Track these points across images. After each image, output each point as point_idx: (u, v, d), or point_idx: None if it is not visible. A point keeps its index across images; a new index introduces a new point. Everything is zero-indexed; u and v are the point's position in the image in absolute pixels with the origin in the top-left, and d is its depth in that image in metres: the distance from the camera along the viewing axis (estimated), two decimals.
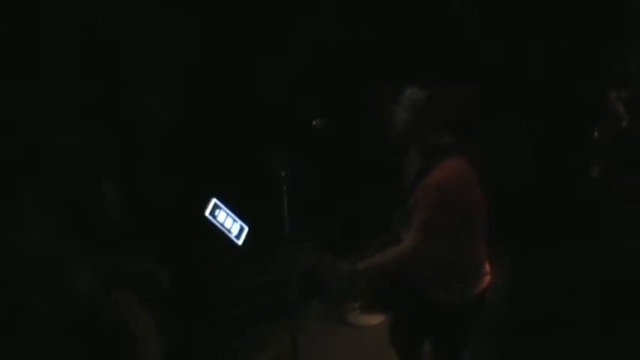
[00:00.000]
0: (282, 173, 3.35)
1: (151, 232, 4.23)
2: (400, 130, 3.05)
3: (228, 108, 4.65)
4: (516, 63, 4.99)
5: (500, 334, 4.25)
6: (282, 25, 4.67)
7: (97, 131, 4.45)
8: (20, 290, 3.37)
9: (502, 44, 4.90)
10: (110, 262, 4.00)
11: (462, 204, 3.00)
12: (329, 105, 4.37)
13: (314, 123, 3.36)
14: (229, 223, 3.63)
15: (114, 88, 4.52)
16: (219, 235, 3.63)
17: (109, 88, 4.50)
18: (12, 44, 4.28)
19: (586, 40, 4.91)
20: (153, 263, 4.06)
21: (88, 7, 4.30)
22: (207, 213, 3.64)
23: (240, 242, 3.63)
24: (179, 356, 4.09)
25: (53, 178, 4.24)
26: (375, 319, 4.50)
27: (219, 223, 3.64)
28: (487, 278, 3.23)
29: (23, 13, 4.24)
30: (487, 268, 3.24)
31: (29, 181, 4.13)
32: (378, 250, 3.20)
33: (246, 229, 3.62)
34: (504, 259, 4.50)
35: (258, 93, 4.60)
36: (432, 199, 2.94)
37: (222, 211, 3.64)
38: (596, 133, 4.91)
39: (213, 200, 3.64)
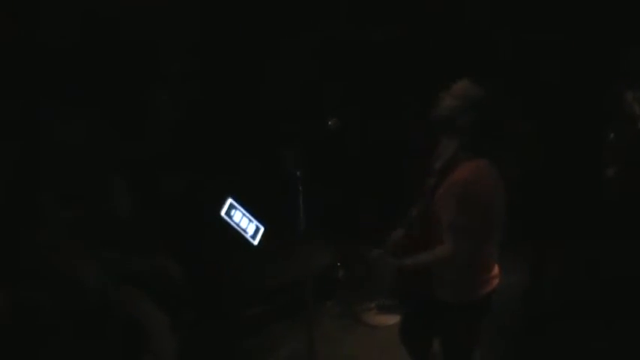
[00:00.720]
0: (298, 173, 3.37)
1: (166, 230, 4.26)
2: (443, 116, 3.06)
3: (244, 108, 4.68)
4: (530, 63, 4.98)
5: (511, 335, 4.25)
6: (295, 25, 4.68)
7: (107, 129, 4.47)
8: (30, 288, 3.43)
9: (516, 44, 4.90)
10: (123, 259, 4.04)
11: (485, 204, 3.02)
12: (344, 104, 4.38)
13: (329, 123, 3.36)
14: (245, 224, 3.66)
15: (124, 84, 4.54)
16: (235, 235, 3.65)
17: (118, 85, 4.53)
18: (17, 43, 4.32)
19: (601, 41, 4.89)
20: (166, 261, 4.10)
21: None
22: (223, 213, 3.66)
23: (255, 242, 3.65)
24: (193, 354, 4.12)
25: (64, 177, 4.28)
26: (390, 319, 4.50)
27: (235, 223, 3.66)
28: (495, 281, 3.24)
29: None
30: (496, 270, 3.25)
31: (42, 180, 4.17)
32: (397, 239, 3.27)
33: (262, 229, 3.65)
34: (518, 260, 4.50)
35: (273, 93, 4.62)
36: (458, 196, 2.95)
37: (237, 211, 3.66)
38: (612, 135, 4.89)
39: (229, 200, 3.66)
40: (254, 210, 3.64)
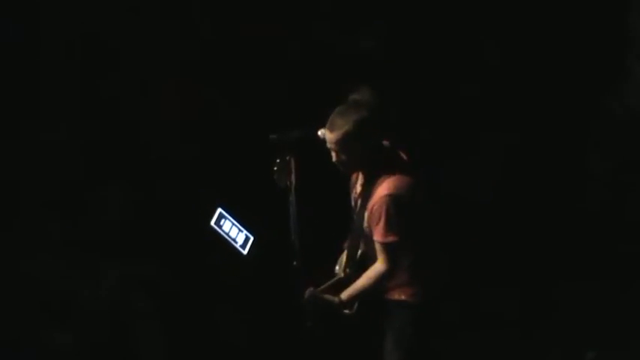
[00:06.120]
0: (288, 183, 3.35)
1: (157, 239, 4.25)
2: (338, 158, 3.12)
3: (234, 116, 4.65)
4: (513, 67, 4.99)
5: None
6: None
7: (100, 135, 4.45)
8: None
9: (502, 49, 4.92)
10: (117, 266, 4.05)
11: (413, 215, 3.05)
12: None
13: (319, 133, 3.34)
14: (235, 233, 3.66)
15: (117, 91, 4.51)
16: (224, 244, 3.64)
17: (112, 92, 4.50)
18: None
19: (583, 41, 4.93)
20: (158, 269, 4.11)
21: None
22: (212, 223, 3.65)
23: (245, 252, 3.65)
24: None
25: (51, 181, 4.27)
26: None
27: (225, 232, 3.66)
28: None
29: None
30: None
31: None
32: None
33: (252, 238, 3.65)
34: None
35: (267, 100, 4.60)
36: (384, 213, 2.97)
37: (227, 221, 3.66)
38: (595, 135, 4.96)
39: (219, 210, 3.65)
40: (245, 220, 3.64)
